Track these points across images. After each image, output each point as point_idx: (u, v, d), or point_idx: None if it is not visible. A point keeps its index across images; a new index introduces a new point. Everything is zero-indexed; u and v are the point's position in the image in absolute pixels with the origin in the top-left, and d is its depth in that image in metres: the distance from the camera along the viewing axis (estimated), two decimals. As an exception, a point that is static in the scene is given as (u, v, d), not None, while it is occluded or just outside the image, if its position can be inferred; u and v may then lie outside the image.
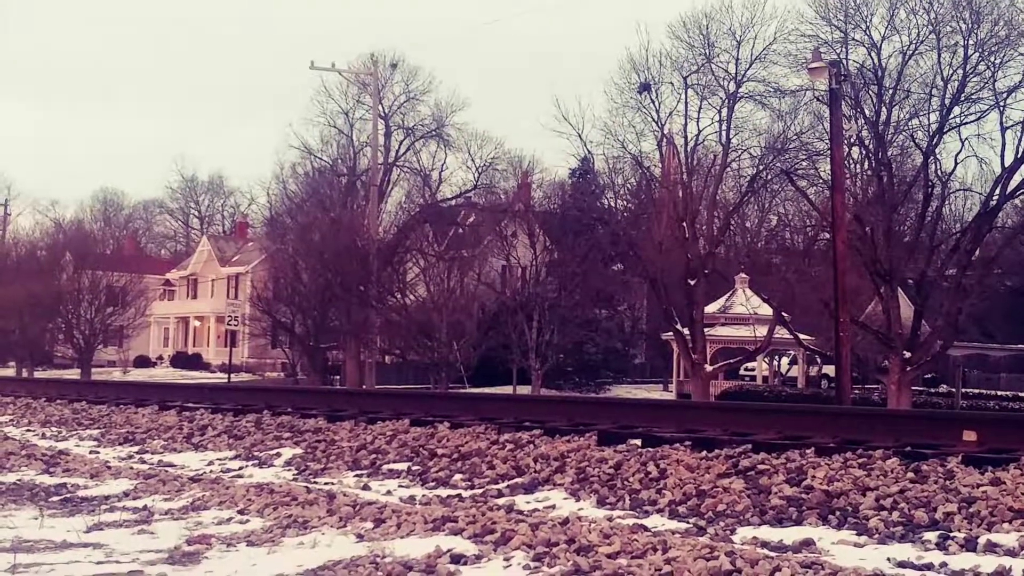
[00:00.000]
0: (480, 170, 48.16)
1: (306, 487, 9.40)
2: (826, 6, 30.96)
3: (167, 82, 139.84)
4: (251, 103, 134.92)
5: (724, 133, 33.72)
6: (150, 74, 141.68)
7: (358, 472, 10.88)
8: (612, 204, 40.50)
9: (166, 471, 11.08)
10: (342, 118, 50.95)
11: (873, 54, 30.60)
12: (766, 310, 36.86)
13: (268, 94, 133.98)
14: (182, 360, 67.14)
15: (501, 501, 8.78)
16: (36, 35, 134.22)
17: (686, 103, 33.92)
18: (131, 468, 11.33)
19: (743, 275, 42.20)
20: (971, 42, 29.17)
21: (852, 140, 30.33)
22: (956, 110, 29.76)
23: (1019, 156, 28.69)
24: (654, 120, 34.30)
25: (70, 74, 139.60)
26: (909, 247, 30.68)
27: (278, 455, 12.27)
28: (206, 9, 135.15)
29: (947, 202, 32.90)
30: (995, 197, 29.77)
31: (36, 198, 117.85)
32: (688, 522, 7.72)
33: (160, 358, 71.01)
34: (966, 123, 30.10)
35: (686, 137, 34.31)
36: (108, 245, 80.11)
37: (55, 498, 9.51)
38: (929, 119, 30.35)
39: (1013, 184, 29.48)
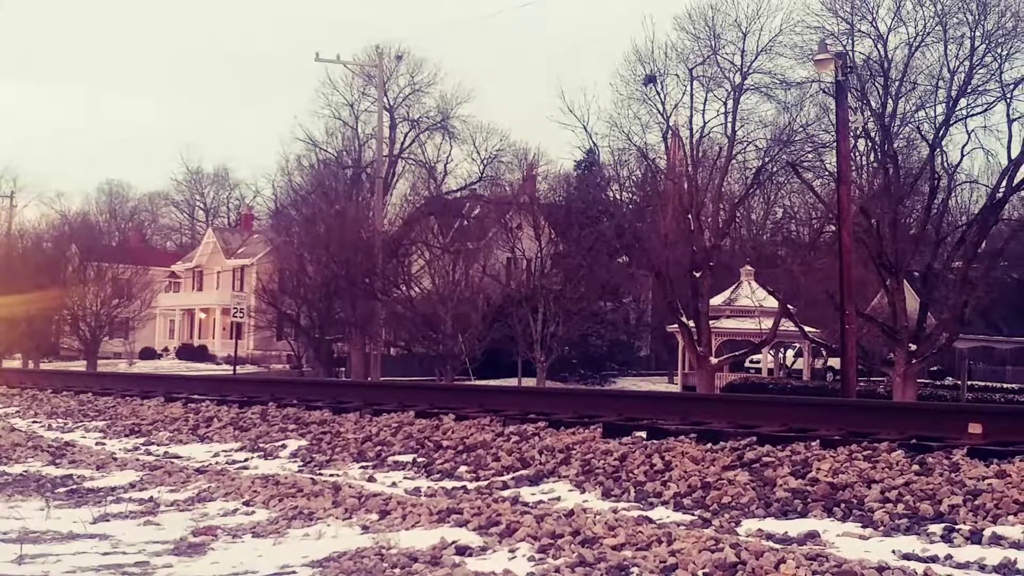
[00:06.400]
0: (485, 162, 48.24)
1: (311, 479, 9.41)
2: (832, -3, 30.89)
3: (172, 73, 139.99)
4: (256, 95, 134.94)
5: (729, 125, 33.71)
6: (155, 65, 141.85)
7: (363, 464, 10.90)
8: (617, 196, 40.40)
9: (172, 463, 11.11)
10: (347, 110, 51.09)
11: (879, 46, 30.56)
12: (771, 302, 36.85)
13: (273, 86, 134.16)
14: (187, 352, 67.29)
15: (506, 493, 8.79)
16: (39, 23, 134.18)
17: (691, 95, 33.91)
18: (137, 459, 11.36)
19: (748, 267, 42.18)
20: (978, 33, 29.10)
21: (858, 132, 30.22)
22: (962, 102, 29.71)
23: (1026, 148, 28.60)
24: (659, 112, 34.27)
25: (75, 66, 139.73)
26: (915, 239, 30.60)
27: (283, 447, 12.30)
28: (212, 1, 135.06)
29: (953, 194, 32.85)
30: (1001, 189, 29.68)
31: (41, 190, 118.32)
32: (693, 514, 7.73)
33: (166, 350, 71.14)
34: (972, 115, 30.07)
35: (691, 129, 34.29)
36: (113, 237, 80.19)
37: (61, 489, 9.53)
38: (935, 111, 30.31)
39: (1019, 176, 29.37)
